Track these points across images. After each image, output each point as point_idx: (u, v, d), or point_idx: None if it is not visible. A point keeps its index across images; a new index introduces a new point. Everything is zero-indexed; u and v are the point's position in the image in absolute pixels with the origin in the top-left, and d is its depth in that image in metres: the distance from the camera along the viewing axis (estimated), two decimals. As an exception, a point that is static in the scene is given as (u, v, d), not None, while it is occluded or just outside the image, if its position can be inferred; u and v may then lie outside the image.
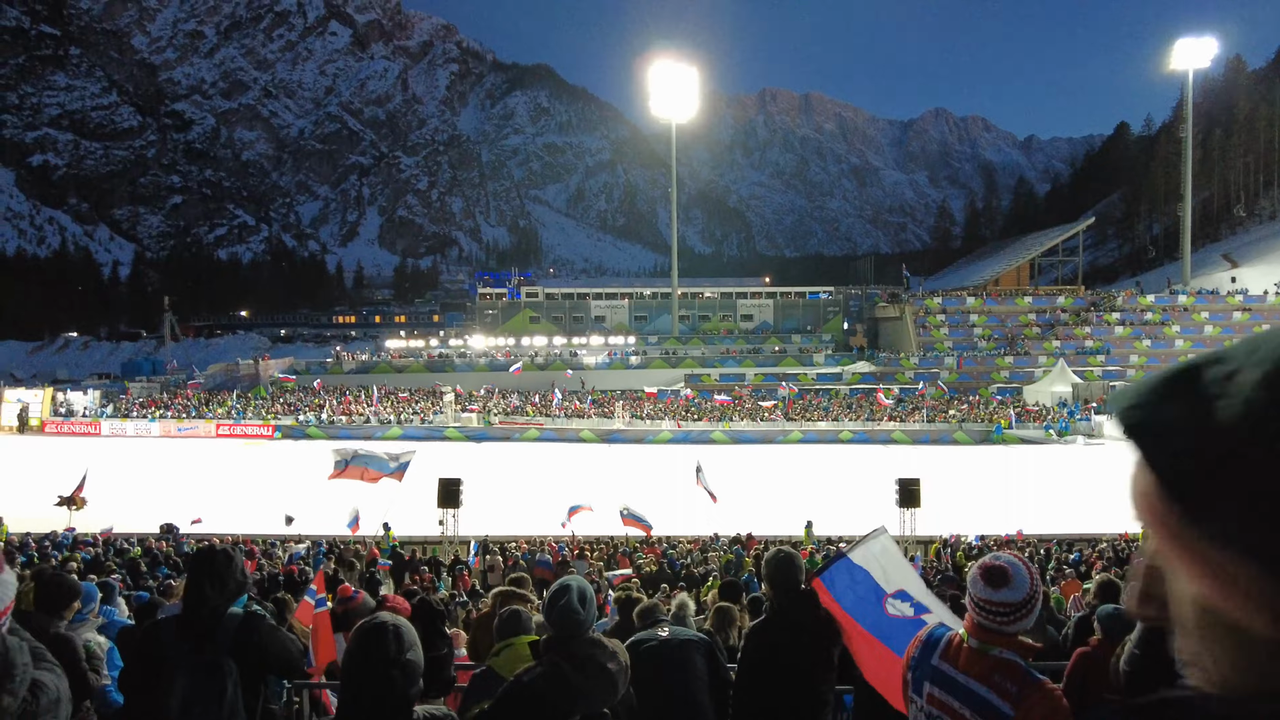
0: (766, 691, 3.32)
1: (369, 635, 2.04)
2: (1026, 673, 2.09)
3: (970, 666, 2.15)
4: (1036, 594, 2.17)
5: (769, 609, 3.55)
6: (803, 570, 3.55)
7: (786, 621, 3.39)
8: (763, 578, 3.64)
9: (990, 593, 2.17)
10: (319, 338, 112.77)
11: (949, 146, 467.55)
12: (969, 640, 2.19)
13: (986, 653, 2.15)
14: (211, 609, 3.06)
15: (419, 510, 20.60)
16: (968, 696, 2.12)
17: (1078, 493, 28.11)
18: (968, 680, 2.14)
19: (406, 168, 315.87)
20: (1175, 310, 55.96)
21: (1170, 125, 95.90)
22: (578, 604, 2.53)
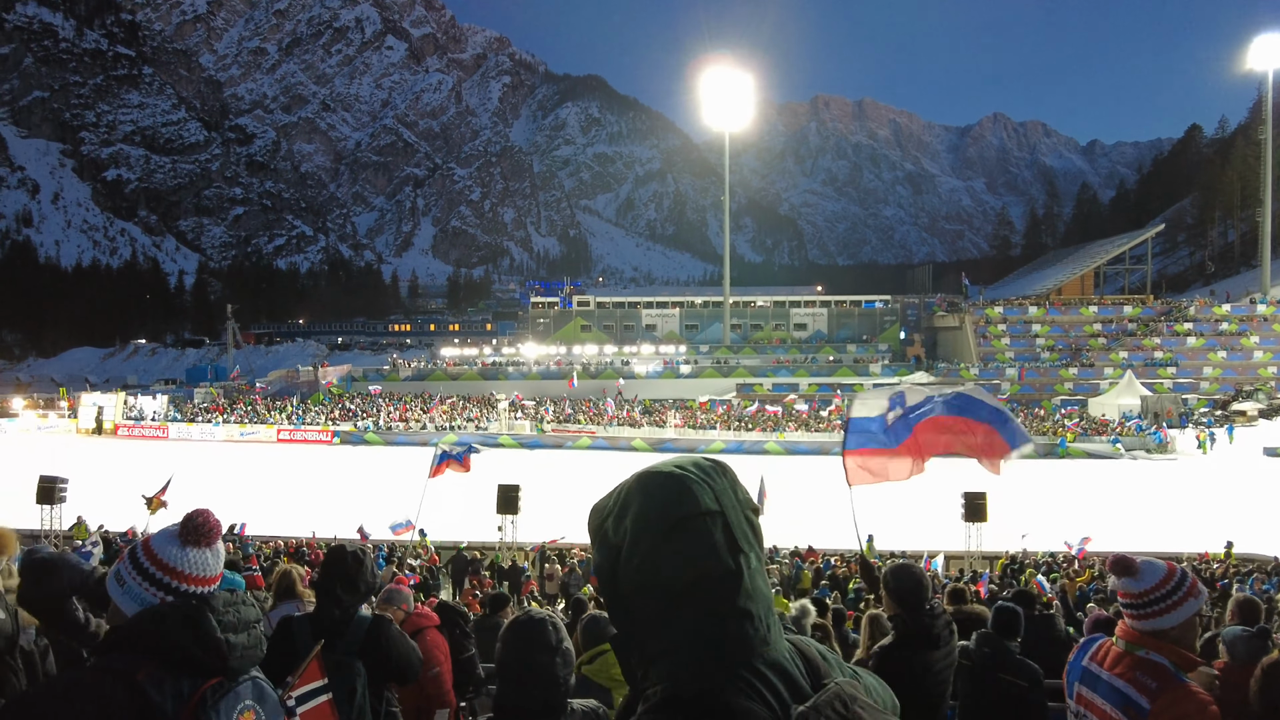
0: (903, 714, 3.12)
1: (529, 627, 2.01)
2: (1172, 674, 2.07)
3: (1115, 665, 2.19)
4: (1175, 588, 2.14)
5: (898, 628, 3.37)
6: (929, 585, 3.33)
7: (919, 640, 3.24)
8: (888, 593, 3.41)
9: (1115, 581, 2.24)
10: (375, 345, 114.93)
11: (1007, 153, 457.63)
12: (1117, 642, 2.24)
13: (1132, 652, 2.17)
14: (343, 610, 3.07)
15: (477, 516, 20.66)
16: (1109, 693, 2.15)
17: (1149, 509, 26.95)
18: (1111, 677, 2.17)
19: (460, 179, 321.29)
20: (1254, 320, 53.52)
21: (1247, 127, 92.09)
22: None
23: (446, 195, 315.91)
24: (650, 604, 0.94)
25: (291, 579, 3.94)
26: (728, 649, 0.92)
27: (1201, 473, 34.44)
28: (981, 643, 3.71)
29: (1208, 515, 24.50)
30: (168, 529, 1.86)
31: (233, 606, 1.81)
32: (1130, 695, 2.07)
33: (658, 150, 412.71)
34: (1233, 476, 32.88)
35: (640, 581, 0.94)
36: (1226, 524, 21.74)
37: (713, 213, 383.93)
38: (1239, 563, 17.65)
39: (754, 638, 0.93)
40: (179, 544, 1.81)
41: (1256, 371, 50.22)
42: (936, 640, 3.22)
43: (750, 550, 0.96)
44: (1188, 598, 2.13)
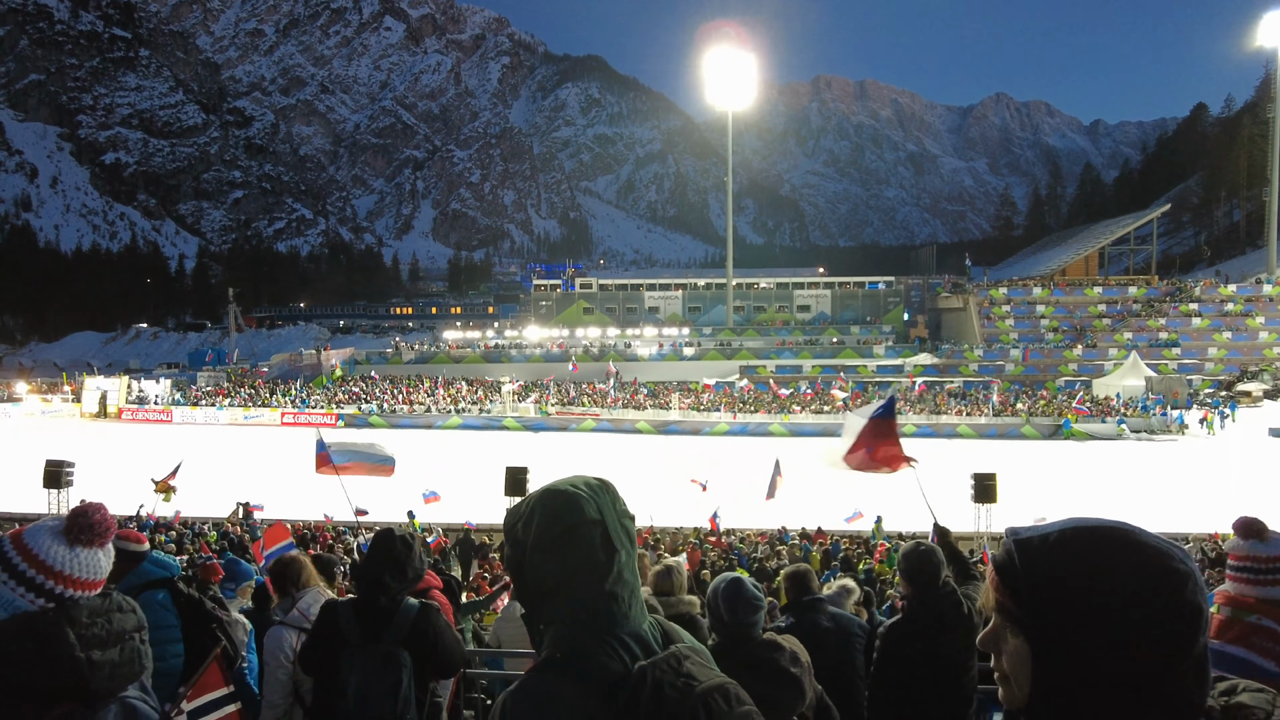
0: (907, 692, 3.15)
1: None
2: None
3: (1223, 634, 2.12)
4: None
5: (907, 606, 3.37)
6: (943, 564, 3.29)
7: (928, 619, 3.21)
8: (900, 572, 3.36)
9: (1238, 544, 2.19)
10: (377, 329, 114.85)
11: (1010, 133, 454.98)
12: (1219, 609, 2.17)
13: (1240, 619, 2.13)
14: (390, 598, 2.94)
15: (485, 498, 20.65)
16: (1225, 661, 2.03)
17: (1155, 490, 26.93)
18: (1223, 646, 2.07)
19: (459, 161, 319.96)
20: (1260, 301, 53.31)
21: (1254, 105, 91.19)
22: (758, 594, 2.31)
23: (446, 177, 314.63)
24: (546, 588, 1.23)
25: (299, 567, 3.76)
26: (598, 622, 1.20)
27: (1206, 453, 34.40)
28: None
29: (1215, 496, 24.47)
30: (47, 522, 1.60)
31: (102, 616, 1.55)
32: (1253, 660, 2.02)
33: (658, 131, 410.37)
34: (1238, 457, 32.84)
35: (540, 571, 1.23)
36: (1234, 504, 21.71)
37: (714, 194, 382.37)
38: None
39: (618, 614, 1.22)
40: (64, 541, 1.57)
41: (1262, 352, 50.07)
42: (942, 620, 3.17)
43: (622, 549, 1.25)
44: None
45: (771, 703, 2.12)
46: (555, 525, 1.23)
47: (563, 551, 1.22)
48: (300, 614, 3.53)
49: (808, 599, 3.50)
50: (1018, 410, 42.67)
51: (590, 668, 1.18)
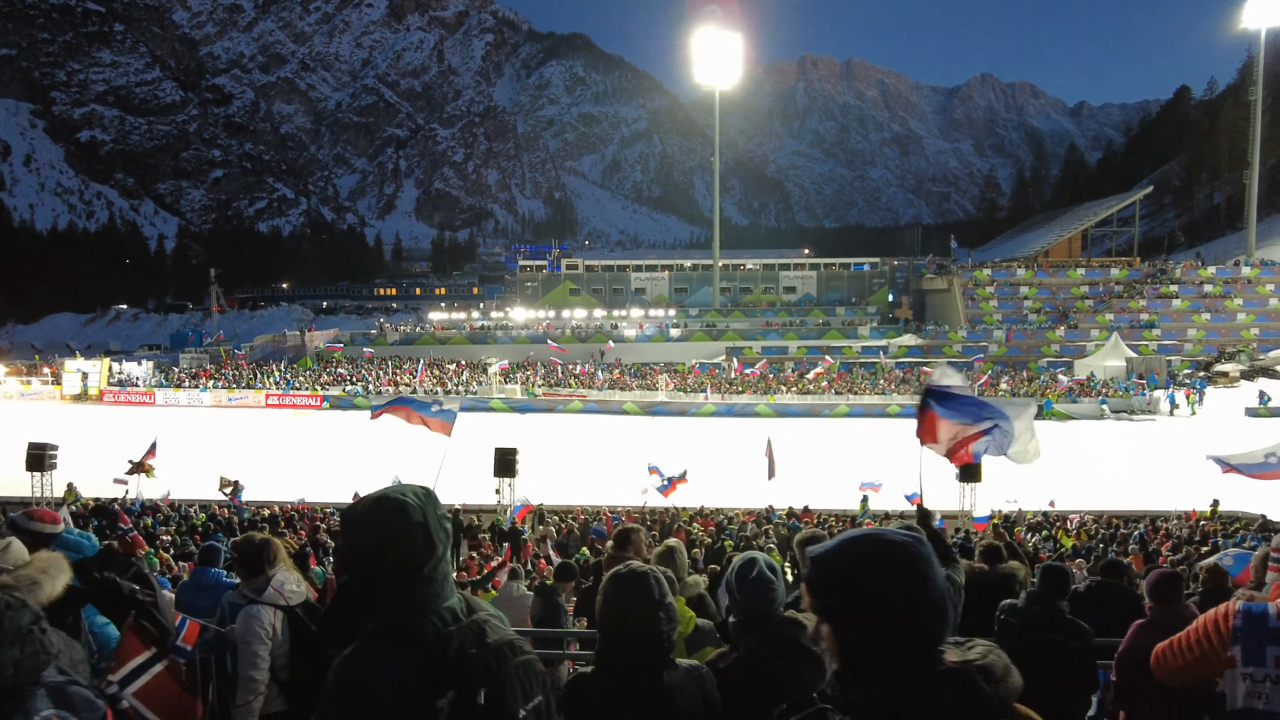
0: None
1: (633, 580, 2.01)
2: None
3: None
4: None
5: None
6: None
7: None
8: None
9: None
10: (361, 309, 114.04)
11: (995, 114, 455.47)
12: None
13: None
14: None
15: (473, 479, 20.67)
16: None
17: (1136, 468, 27.37)
18: None
19: (442, 140, 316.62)
20: (1238, 283, 53.94)
21: (1237, 88, 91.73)
22: (770, 575, 2.34)
23: (429, 157, 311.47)
24: (378, 575, 1.51)
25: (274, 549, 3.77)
26: (416, 601, 1.49)
27: (1184, 433, 34.92)
28: (1031, 602, 3.70)
29: (1192, 474, 24.89)
30: None
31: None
32: None
33: (644, 110, 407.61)
34: (1215, 436, 33.37)
35: (373, 562, 1.52)
36: (1211, 483, 22.10)
37: (699, 175, 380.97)
38: (1225, 520, 17.97)
39: (433, 594, 1.51)
40: None
41: (1239, 333, 50.76)
42: None
43: (440, 544, 1.54)
44: None
45: (793, 679, 2.16)
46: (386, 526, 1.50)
47: (391, 547, 1.49)
48: (276, 592, 3.57)
49: None
50: (1001, 391, 43.07)
51: (409, 635, 1.48)
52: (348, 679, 1.48)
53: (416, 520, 1.52)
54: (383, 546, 1.50)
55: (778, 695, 2.11)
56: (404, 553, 1.50)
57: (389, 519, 1.51)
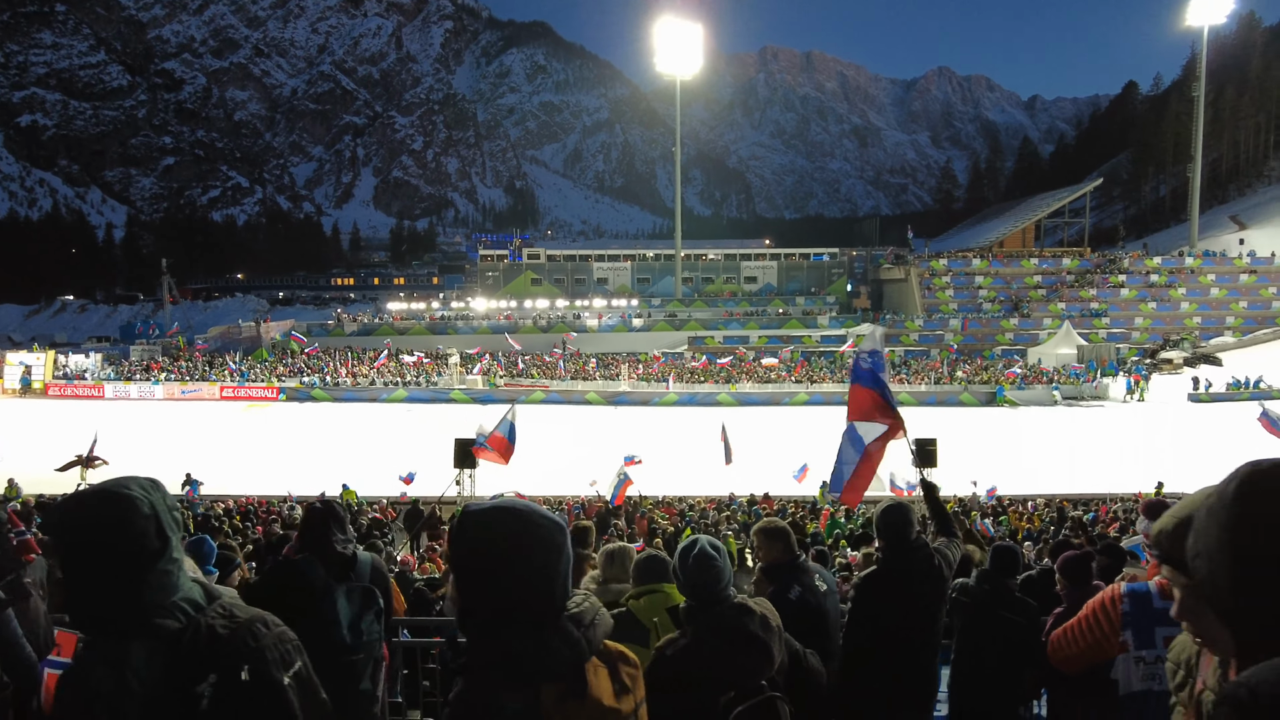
0: (880, 642, 3.29)
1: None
2: None
3: None
4: None
5: (880, 560, 3.49)
6: (913, 522, 3.41)
7: (897, 572, 3.34)
8: (875, 530, 3.52)
9: (1148, 525, 2.41)
10: (318, 300, 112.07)
11: (951, 106, 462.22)
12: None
13: None
14: (343, 548, 3.09)
15: (433, 470, 20.53)
16: None
17: (1085, 453, 28.13)
18: None
19: (401, 127, 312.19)
20: (1182, 273, 55.61)
21: (1181, 84, 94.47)
22: (711, 554, 2.34)
23: (387, 145, 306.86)
24: (107, 572, 1.46)
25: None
26: (149, 592, 1.47)
27: (1131, 418, 35.99)
28: (981, 580, 3.80)
29: (1139, 458, 25.69)
30: None
31: None
32: None
33: (605, 100, 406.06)
34: (1160, 421, 34.47)
35: (101, 560, 1.48)
36: (1156, 466, 22.86)
37: (661, 165, 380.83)
38: (1170, 501, 18.55)
39: (169, 585, 1.48)
40: None
41: (1183, 322, 52.38)
42: (913, 573, 3.29)
43: (173, 535, 1.52)
44: None
45: (741, 667, 2.16)
46: (115, 520, 1.47)
47: (125, 539, 1.45)
48: None
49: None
50: (956, 378, 43.98)
51: (151, 629, 1.45)
52: (83, 691, 1.41)
53: (145, 513, 1.49)
54: (112, 542, 1.46)
55: (726, 683, 2.15)
56: (136, 546, 1.46)
57: (116, 513, 1.47)
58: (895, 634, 3.25)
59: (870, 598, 3.33)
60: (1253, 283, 53.62)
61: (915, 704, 3.34)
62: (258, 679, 1.46)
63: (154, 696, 1.40)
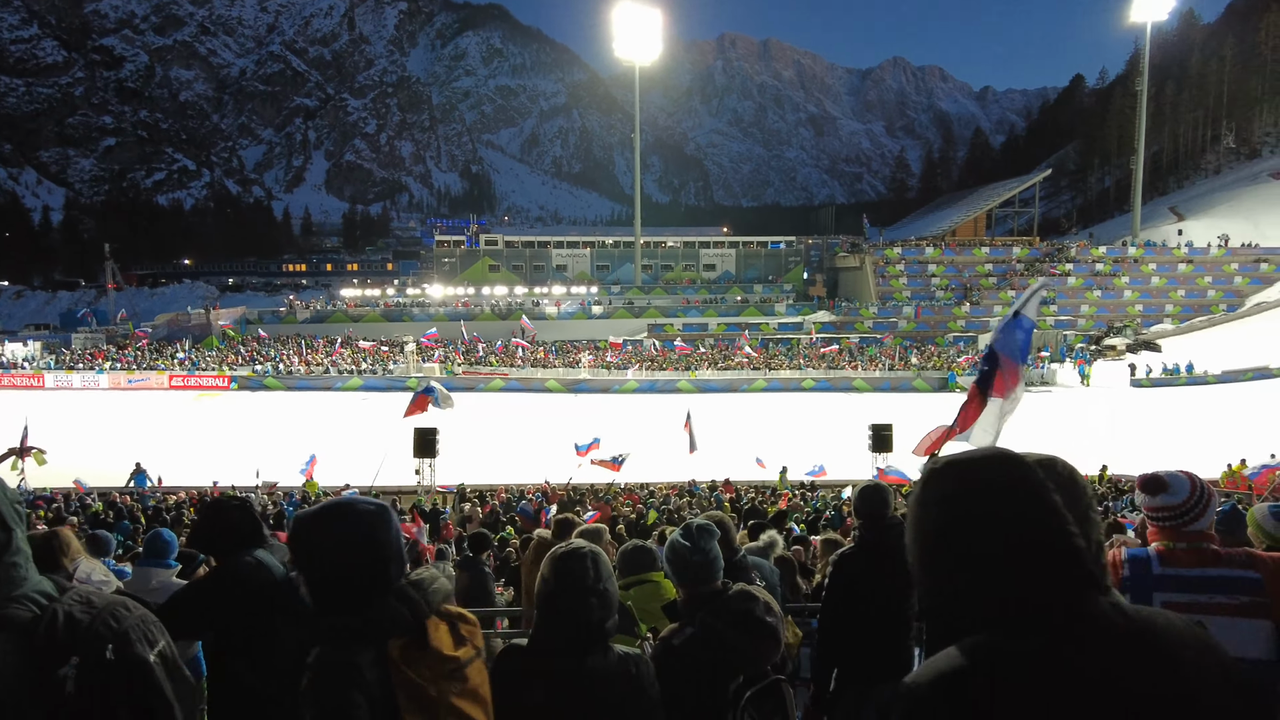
0: (854, 618, 3.40)
1: (568, 561, 2.02)
2: (1240, 549, 2.46)
3: (1200, 561, 2.42)
4: (1203, 495, 2.45)
5: (857, 539, 3.59)
6: (891, 502, 3.56)
7: (874, 551, 3.45)
8: (853, 509, 3.66)
9: (1150, 499, 2.49)
10: (269, 286, 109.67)
11: (906, 97, 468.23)
12: (1177, 545, 2.46)
13: (1200, 548, 2.44)
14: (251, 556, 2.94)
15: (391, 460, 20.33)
16: (1210, 583, 2.38)
17: (1032, 437, 28.92)
18: (1204, 570, 2.40)
19: (354, 110, 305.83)
20: (1125, 262, 57.33)
21: (1125, 78, 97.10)
22: (712, 542, 2.41)
23: (340, 128, 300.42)
24: None
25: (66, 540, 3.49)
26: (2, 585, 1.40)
27: (1076, 403, 37.16)
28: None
29: (1084, 442, 26.55)
30: None
31: None
32: (1240, 575, 2.35)
33: (563, 84, 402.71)
34: (1104, 406, 35.64)
35: None
36: (1100, 449, 23.67)
37: (620, 151, 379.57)
38: (1113, 483, 19.26)
39: (18, 578, 1.42)
40: None
41: (1126, 309, 54.07)
42: (885, 553, 3.40)
43: (16, 528, 1.44)
44: (1210, 500, 2.46)
45: (749, 653, 2.21)
46: None
47: None
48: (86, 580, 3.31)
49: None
50: (910, 365, 44.90)
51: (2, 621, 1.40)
52: None
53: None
54: None
55: (734, 669, 2.21)
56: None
57: None
58: (869, 610, 3.36)
59: (846, 575, 3.44)
60: (1190, 272, 55.52)
61: (890, 679, 3.47)
62: (123, 658, 1.44)
63: (11, 687, 1.35)
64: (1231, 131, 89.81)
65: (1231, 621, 2.33)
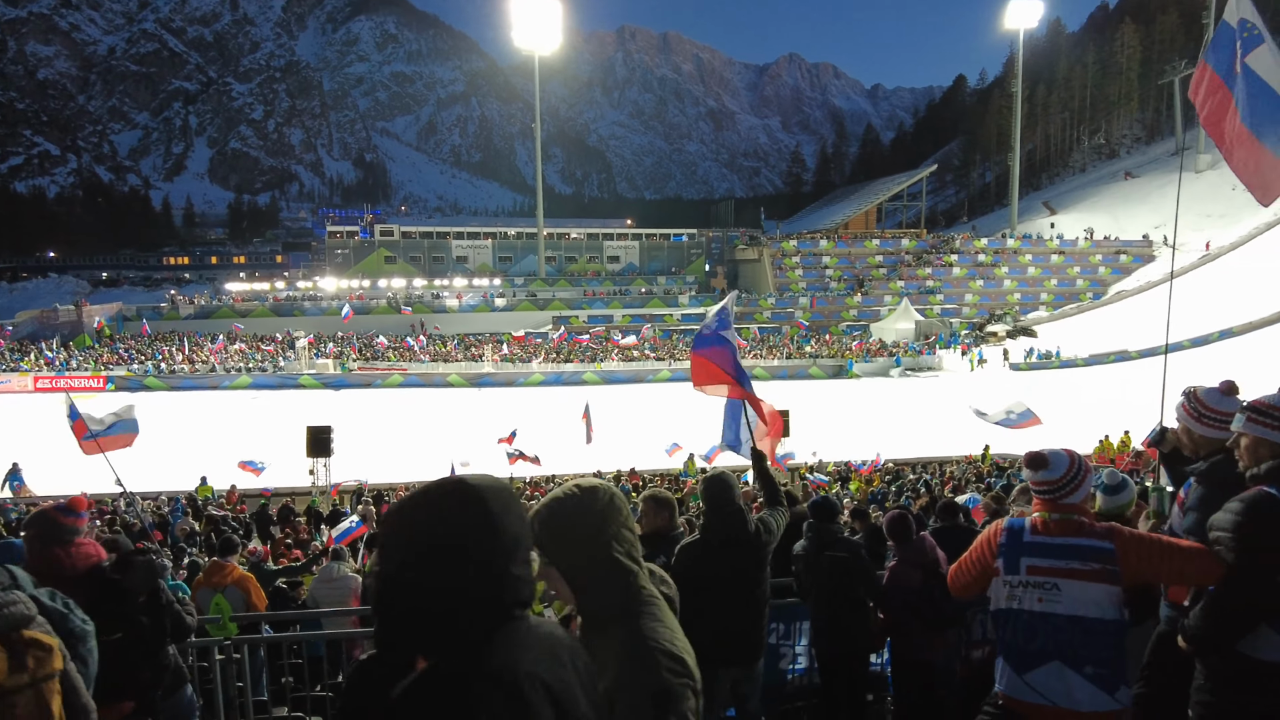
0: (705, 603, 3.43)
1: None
2: (1105, 523, 2.65)
3: (1065, 530, 2.63)
4: (1080, 472, 2.66)
5: (701, 526, 3.68)
6: (736, 491, 3.67)
7: (717, 538, 3.56)
8: (700, 497, 3.86)
9: (1033, 474, 2.69)
10: (148, 280, 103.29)
11: (801, 93, 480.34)
12: (1051, 516, 2.67)
13: (1069, 519, 2.64)
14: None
15: (284, 460, 19.59)
16: (1071, 551, 2.60)
17: (922, 420, 30.43)
18: (1066, 539, 2.61)
19: (239, 95, 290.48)
20: (1005, 253, 60.80)
21: (1002, 80, 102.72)
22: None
23: (224, 113, 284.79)
24: None
25: None
26: None
27: (961, 387, 39.19)
28: (808, 530, 4.36)
29: (969, 423, 28.01)
30: None
31: None
32: (1095, 545, 2.57)
33: (461, 72, 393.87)
34: (985, 389, 37.74)
35: None
36: (983, 430, 25.05)
37: (521, 140, 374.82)
38: (995, 463, 20.46)
39: None
40: None
41: (1005, 298, 57.39)
42: (730, 538, 3.53)
43: None
44: (1086, 476, 2.67)
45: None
46: None
47: None
48: None
49: None
50: (805, 353, 46.36)
51: None
52: None
53: None
54: None
55: None
56: None
57: None
58: (712, 595, 3.44)
59: (687, 562, 3.52)
60: (1061, 263, 59.38)
61: (741, 660, 3.62)
62: None
63: None
64: (1095, 133, 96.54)
65: (1083, 585, 2.55)
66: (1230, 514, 2.49)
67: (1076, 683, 2.57)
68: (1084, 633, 2.57)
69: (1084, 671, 2.57)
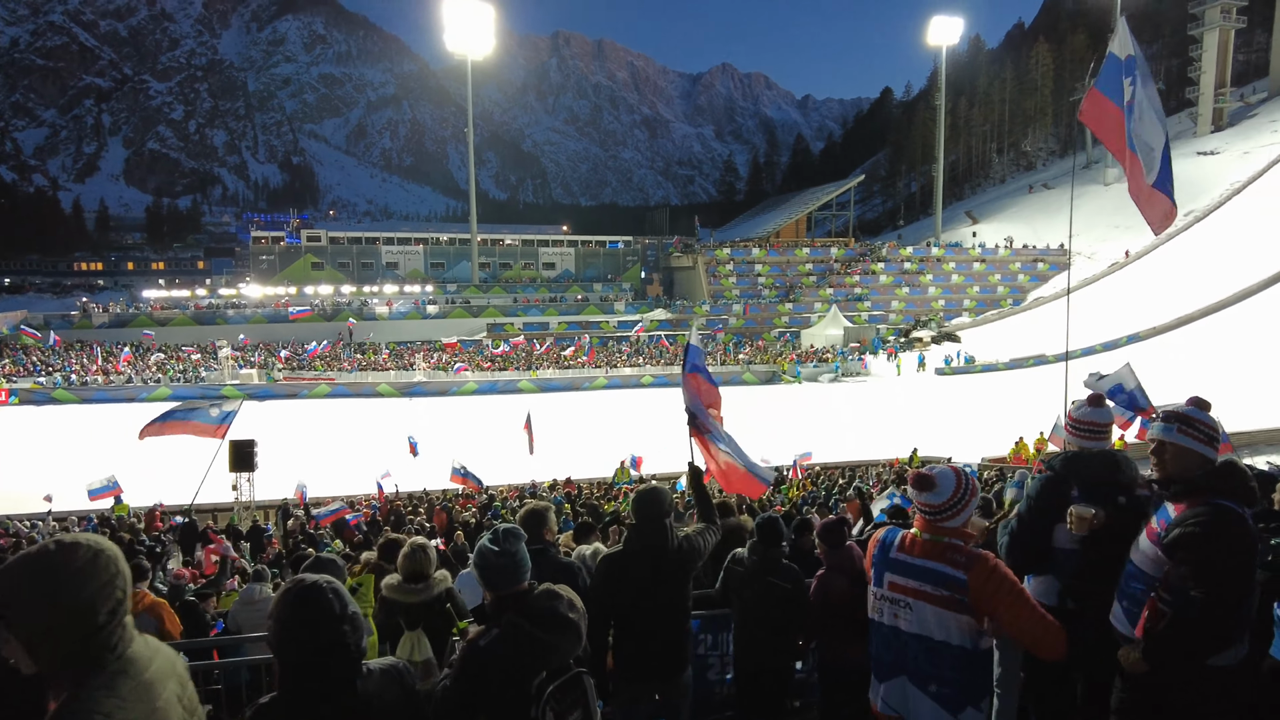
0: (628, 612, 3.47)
1: (309, 595, 1.84)
2: (972, 550, 2.66)
3: (926, 552, 2.68)
4: (964, 496, 2.69)
5: (627, 537, 3.63)
6: (667, 504, 3.60)
7: (641, 548, 3.50)
8: (630, 509, 3.77)
9: (917, 495, 2.71)
10: (57, 287, 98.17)
11: (734, 102, 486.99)
12: (921, 535, 2.72)
13: (938, 541, 2.68)
14: None
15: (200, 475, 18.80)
16: (925, 573, 2.64)
17: (852, 423, 31.13)
18: (924, 562, 2.66)
19: (157, 94, 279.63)
20: (929, 261, 62.75)
21: (927, 93, 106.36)
22: (519, 545, 2.44)
23: (140, 112, 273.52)
24: None
25: None
26: None
27: (890, 391, 40.29)
28: (751, 551, 4.24)
29: (897, 426, 28.82)
30: None
31: None
32: (945, 571, 2.60)
33: (391, 75, 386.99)
34: (913, 393, 38.89)
35: None
36: (911, 433, 25.78)
37: (453, 144, 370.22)
38: (923, 465, 21.01)
39: None
40: None
41: (930, 304, 59.21)
42: (650, 553, 3.47)
43: None
44: (970, 499, 2.70)
45: (554, 649, 2.28)
46: None
47: None
48: None
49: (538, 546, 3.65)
50: (739, 359, 47.00)
51: None
52: None
53: None
54: None
55: (539, 666, 2.27)
56: None
57: None
58: (630, 609, 3.43)
59: (606, 574, 3.50)
60: (983, 270, 61.59)
61: (663, 673, 3.55)
62: None
63: None
64: (1013, 145, 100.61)
65: (934, 610, 2.62)
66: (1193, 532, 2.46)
67: (918, 699, 2.65)
68: (928, 651, 2.63)
69: (928, 690, 2.64)
